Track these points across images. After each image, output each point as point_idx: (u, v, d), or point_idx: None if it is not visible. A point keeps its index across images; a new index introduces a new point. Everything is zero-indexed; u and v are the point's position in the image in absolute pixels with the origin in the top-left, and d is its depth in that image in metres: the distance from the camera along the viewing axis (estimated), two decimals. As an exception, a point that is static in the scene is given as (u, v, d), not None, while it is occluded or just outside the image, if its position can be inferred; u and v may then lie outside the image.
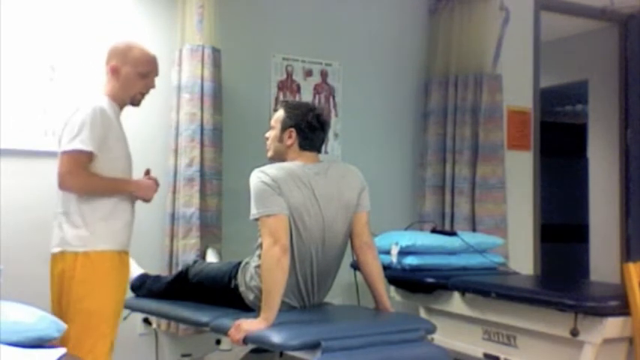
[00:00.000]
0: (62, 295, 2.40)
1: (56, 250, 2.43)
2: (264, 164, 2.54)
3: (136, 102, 2.55)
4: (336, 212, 2.52)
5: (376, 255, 2.63)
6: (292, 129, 2.56)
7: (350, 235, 2.59)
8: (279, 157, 2.61)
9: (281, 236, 2.34)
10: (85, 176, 2.36)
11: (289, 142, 2.57)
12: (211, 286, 2.68)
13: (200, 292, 2.74)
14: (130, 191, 2.47)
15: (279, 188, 2.39)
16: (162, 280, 2.93)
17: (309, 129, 2.57)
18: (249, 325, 2.28)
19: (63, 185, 2.38)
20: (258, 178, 2.43)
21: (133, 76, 2.48)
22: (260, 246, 2.43)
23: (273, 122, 2.64)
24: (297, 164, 2.52)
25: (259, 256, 2.43)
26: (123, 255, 2.47)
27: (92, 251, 2.36)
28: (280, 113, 2.62)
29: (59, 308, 2.40)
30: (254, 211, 2.41)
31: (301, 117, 2.57)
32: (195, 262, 2.96)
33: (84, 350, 2.30)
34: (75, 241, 2.38)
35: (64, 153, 2.34)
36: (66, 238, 2.40)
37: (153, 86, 2.56)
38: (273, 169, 2.46)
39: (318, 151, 2.63)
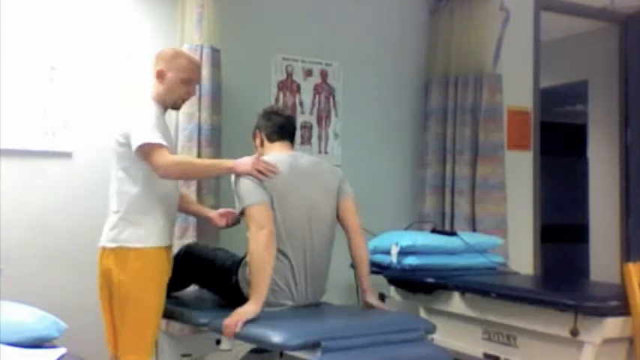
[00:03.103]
0: (112, 287, 2.52)
1: (109, 245, 2.53)
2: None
3: (177, 106, 2.71)
4: (316, 189, 2.64)
5: (364, 239, 2.75)
6: (256, 130, 2.77)
7: (341, 221, 2.71)
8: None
9: (266, 222, 2.45)
10: (176, 163, 2.51)
11: (259, 141, 2.76)
12: (213, 278, 2.73)
13: (201, 277, 2.82)
14: (229, 167, 2.56)
15: (261, 181, 2.50)
16: None
17: (266, 119, 2.75)
18: (241, 309, 2.38)
19: (164, 175, 2.49)
20: None
21: (176, 82, 2.61)
22: None
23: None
24: (277, 154, 2.66)
25: None
26: (168, 250, 2.63)
27: (144, 247, 2.50)
28: None
29: (109, 299, 2.55)
30: (238, 206, 2.54)
31: (259, 117, 2.79)
32: (189, 246, 2.98)
33: (134, 337, 2.50)
34: (129, 238, 2.50)
35: (144, 146, 2.42)
36: (120, 235, 2.51)
37: (194, 93, 2.73)
38: None
39: (290, 140, 2.77)
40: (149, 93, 2.64)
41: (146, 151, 2.43)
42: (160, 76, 2.61)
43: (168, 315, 2.87)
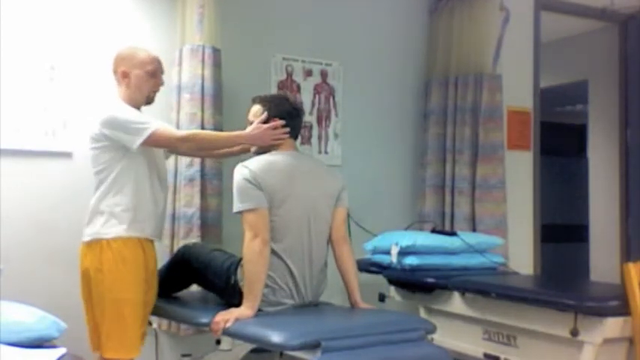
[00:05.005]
0: (91, 283, 2.56)
1: (86, 239, 2.59)
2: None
3: (150, 100, 2.73)
4: (317, 189, 2.63)
5: (351, 249, 2.73)
6: (274, 118, 2.66)
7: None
8: (264, 148, 2.70)
9: (261, 229, 2.47)
10: (184, 137, 2.70)
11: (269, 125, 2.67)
12: (212, 279, 2.72)
13: (200, 277, 2.81)
14: (244, 143, 2.73)
15: (258, 182, 2.50)
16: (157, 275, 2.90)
17: (289, 117, 2.68)
18: (236, 310, 2.43)
19: (177, 150, 2.82)
20: (240, 173, 2.54)
21: (143, 77, 2.66)
22: None
23: (251, 117, 2.73)
24: (279, 154, 2.64)
25: None
26: (144, 242, 2.63)
27: (116, 238, 2.54)
28: (257, 107, 2.72)
29: (89, 296, 2.59)
30: (236, 206, 2.53)
31: (280, 107, 2.69)
32: (187, 246, 2.97)
33: (116, 334, 2.52)
34: (103, 229, 2.55)
35: (152, 135, 2.53)
36: (95, 229, 2.57)
37: (162, 83, 2.75)
38: (254, 163, 2.57)
39: (297, 138, 2.77)
40: (117, 96, 2.68)
41: (154, 140, 2.53)
42: (125, 76, 2.66)
43: (168, 315, 2.88)
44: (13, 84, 3.12)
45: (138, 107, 2.68)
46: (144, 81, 2.67)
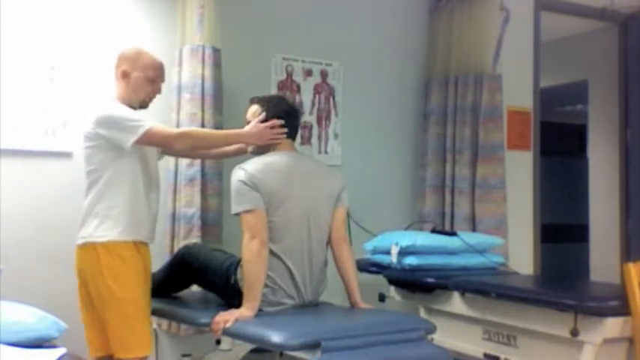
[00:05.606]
0: (89, 285, 2.52)
1: (80, 242, 2.55)
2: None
3: (144, 105, 2.70)
4: (317, 189, 2.64)
5: (351, 249, 2.73)
6: (273, 118, 2.66)
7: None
8: (261, 149, 2.70)
9: (259, 230, 2.47)
10: (180, 135, 2.66)
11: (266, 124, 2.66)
12: (212, 279, 2.72)
13: (200, 278, 2.80)
14: (241, 141, 2.74)
15: (255, 183, 2.50)
16: (157, 275, 2.89)
17: (287, 117, 2.68)
18: (236, 311, 2.43)
19: (173, 149, 2.76)
20: (236, 175, 2.56)
21: (142, 81, 2.64)
22: None
23: (249, 117, 2.73)
24: (277, 154, 2.64)
25: None
26: (140, 245, 2.58)
27: (110, 242, 2.49)
28: (255, 107, 2.73)
29: (87, 297, 2.56)
30: (233, 208, 2.54)
31: (278, 107, 2.69)
32: (187, 247, 2.96)
33: (124, 334, 2.48)
34: (97, 232, 2.51)
35: (146, 133, 2.49)
36: (89, 231, 2.53)
37: (159, 91, 2.73)
38: (251, 165, 2.58)
39: (294, 138, 2.76)
40: (113, 95, 2.66)
41: (148, 138, 2.50)
42: (125, 76, 2.63)
43: (169, 315, 2.88)
44: (13, 84, 3.12)
45: (132, 108, 2.63)
46: (142, 85, 2.64)
